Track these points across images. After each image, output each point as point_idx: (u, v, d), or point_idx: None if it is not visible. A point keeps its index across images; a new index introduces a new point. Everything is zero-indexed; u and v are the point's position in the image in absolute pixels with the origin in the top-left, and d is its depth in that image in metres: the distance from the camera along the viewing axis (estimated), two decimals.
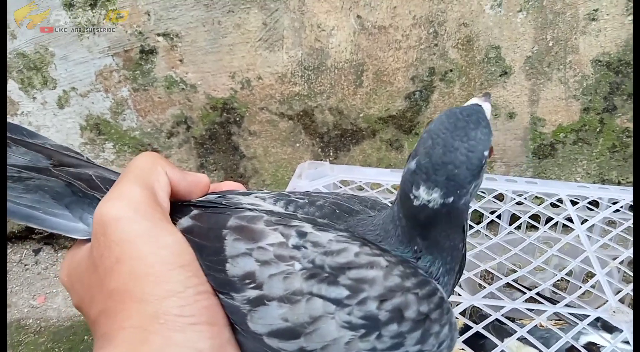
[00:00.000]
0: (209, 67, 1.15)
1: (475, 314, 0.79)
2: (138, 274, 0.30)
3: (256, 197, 0.39)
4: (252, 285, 0.31)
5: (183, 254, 0.32)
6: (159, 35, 1.12)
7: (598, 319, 0.60)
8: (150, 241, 0.31)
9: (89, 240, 0.35)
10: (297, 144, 1.25)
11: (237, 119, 1.21)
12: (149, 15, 1.09)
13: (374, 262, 0.31)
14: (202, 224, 0.35)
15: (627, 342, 0.55)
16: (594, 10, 1.09)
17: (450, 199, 0.30)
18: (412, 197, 0.31)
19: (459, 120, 0.31)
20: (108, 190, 0.34)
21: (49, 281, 1.30)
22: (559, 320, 0.75)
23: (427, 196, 0.31)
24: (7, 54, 1.14)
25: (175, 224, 0.35)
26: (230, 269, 0.32)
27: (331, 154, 1.26)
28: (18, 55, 1.14)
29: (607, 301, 0.61)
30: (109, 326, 0.30)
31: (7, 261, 1.37)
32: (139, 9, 1.08)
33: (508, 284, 0.66)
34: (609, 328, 0.65)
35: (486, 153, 0.32)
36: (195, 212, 0.36)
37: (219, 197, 0.39)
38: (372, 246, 0.33)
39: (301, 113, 1.21)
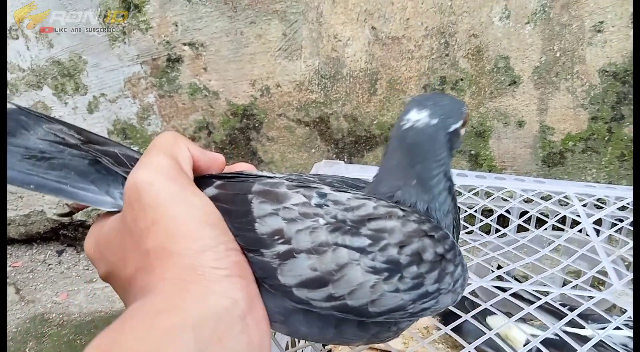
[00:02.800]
0: (231, 75, 1.22)
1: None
2: (173, 233, 0.31)
3: (268, 173, 0.43)
4: (281, 240, 0.33)
5: (211, 213, 0.34)
6: (185, 44, 1.19)
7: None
8: (181, 202, 0.33)
9: (115, 212, 0.37)
10: (313, 150, 1.30)
11: (256, 124, 1.27)
12: (176, 25, 1.17)
13: (392, 212, 0.34)
14: (226, 191, 0.37)
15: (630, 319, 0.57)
16: (599, 22, 1.13)
17: (435, 121, 0.34)
18: (402, 123, 0.35)
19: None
20: (133, 166, 0.37)
21: (71, 279, 1.35)
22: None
23: (416, 116, 0.35)
24: (44, 62, 1.22)
25: None
26: (259, 228, 0.34)
27: (345, 159, 1.31)
28: (54, 63, 1.22)
29: (612, 285, 0.64)
30: (148, 279, 0.31)
31: (32, 260, 1.42)
32: (167, 19, 1.16)
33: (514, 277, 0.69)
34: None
35: (465, 109, 0.37)
36: (218, 182, 0.38)
37: (235, 173, 0.43)
38: (386, 200, 0.36)
39: (317, 120, 1.26)
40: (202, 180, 0.40)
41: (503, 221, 0.88)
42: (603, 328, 0.62)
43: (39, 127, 0.39)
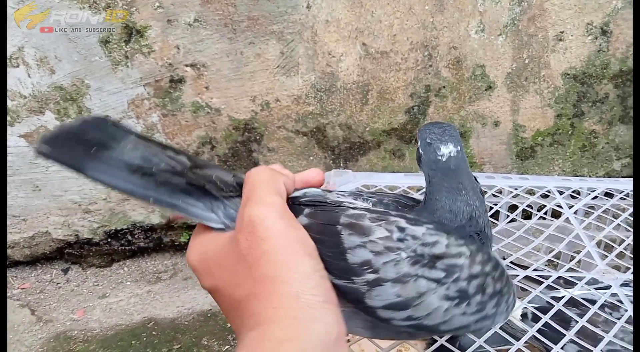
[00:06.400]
0: (232, 93, 1.29)
1: None
2: (280, 263, 0.36)
3: (337, 193, 0.49)
4: (369, 270, 0.38)
5: (308, 245, 0.38)
6: (187, 66, 1.25)
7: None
8: (286, 236, 0.37)
9: (220, 229, 0.42)
10: (311, 158, 1.39)
11: (257, 137, 1.35)
12: (178, 48, 1.22)
13: (461, 252, 0.40)
14: (317, 221, 0.42)
15: (614, 295, 0.71)
16: (560, 32, 1.29)
17: (459, 148, 0.44)
18: (439, 157, 0.44)
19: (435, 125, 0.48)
20: (230, 191, 0.43)
21: (84, 296, 1.39)
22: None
23: (446, 150, 0.44)
24: (45, 88, 1.24)
25: None
26: (350, 258, 0.39)
27: (341, 164, 1.41)
28: (56, 88, 1.25)
29: (597, 265, 0.78)
30: (259, 306, 0.36)
31: (39, 281, 1.45)
32: (169, 43, 1.22)
33: (512, 263, 0.82)
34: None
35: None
36: (307, 211, 0.43)
37: (318, 195, 0.48)
38: (454, 235, 0.42)
39: (314, 130, 1.35)
40: (292, 207, 0.43)
41: (495, 213, 1.01)
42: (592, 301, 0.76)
43: (127, 141, 0.42)
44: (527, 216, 1.00)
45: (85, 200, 1.38)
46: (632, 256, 0.86)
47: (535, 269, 0.80)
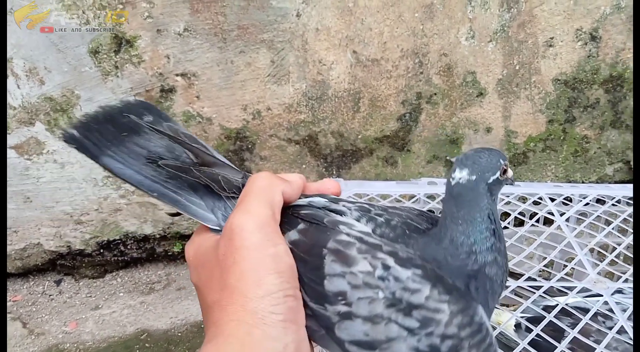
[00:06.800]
0: (223, 102, 1.28)
1: None
2: (246, 275, 0.36)
3: (344, 205, 0.47)
4: (343, 302, 0.38)
5: (281, 262, 0.38)
6: (177, 75, 1.24)
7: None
8: (259, 250, 0.37)
9: (217, 230, 0.42)
10: (304, 166, 1.39)
11: (249, 146, 1.35)
12: (168, 58, 1.22)
13: (439, 308, 0.39)
14: (306, 239, 0.41)
15: (606, 303, 0.71)
16: (550, 38, 1.29)
17: (474, 177, 0.41)
18: (450, 180, 0.42)
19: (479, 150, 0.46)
20: (233, 192, 0.42)
21: (76, 308, 1.38)
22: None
23: (459, 174, 0.42)
24: (35, 99, 1.24)
25: (284, 233, 0.41)
26: (327, 285, 0.38)
27: (334, 172, 1.41)
28: (46, 100, 1.24)
29: (588, 274, 0.78)
30: (220, 316, 0.36)
31: (31, 293, 1.43)
32: (159, 53, 1.21)
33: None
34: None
35: (502, 161, 0.44)
36: (301, 226, 0.42)
37: (319, 208, 0.45)
38: (439, 287, 0.40)
39: (306, 138, 1.35)
40: (290, 218, 0.43)
41: None
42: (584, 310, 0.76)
43: (159, 126, 0.43)
44: (519, 223, 1.00)
45: (77, 211, 1.37)
46: (624, 263, 0.86)
47: (528, 278, 0.79)
